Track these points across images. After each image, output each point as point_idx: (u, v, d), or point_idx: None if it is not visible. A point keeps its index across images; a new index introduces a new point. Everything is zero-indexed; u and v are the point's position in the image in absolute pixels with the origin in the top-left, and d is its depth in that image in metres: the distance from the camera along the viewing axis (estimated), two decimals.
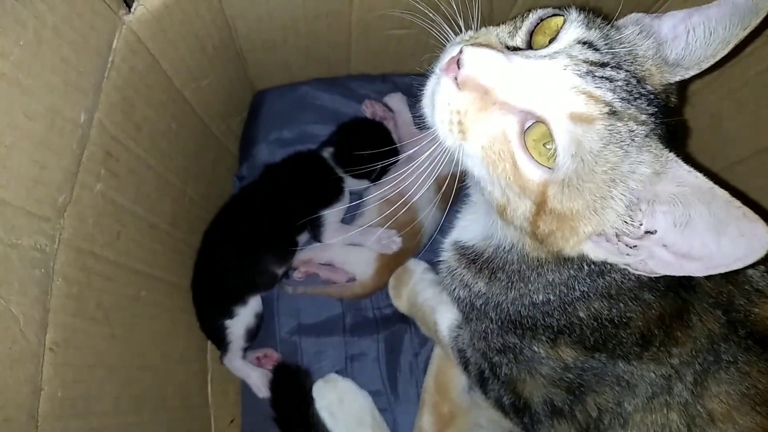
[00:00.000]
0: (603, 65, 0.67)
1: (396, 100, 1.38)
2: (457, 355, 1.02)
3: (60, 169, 0.75)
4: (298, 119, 1.37)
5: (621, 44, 0.71)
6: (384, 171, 1.22)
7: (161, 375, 1.04)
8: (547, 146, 0.68)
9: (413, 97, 1.38)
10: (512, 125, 0.69)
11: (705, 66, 0.72)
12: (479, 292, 0.88)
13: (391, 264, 1.25)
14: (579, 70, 0.66)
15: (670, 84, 0.74)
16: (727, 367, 0.77)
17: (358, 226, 1.29)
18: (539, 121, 0.68)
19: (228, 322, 1.18)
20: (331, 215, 1.26)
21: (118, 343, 0.90)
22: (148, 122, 0.95)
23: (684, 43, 0.75)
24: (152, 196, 1.01)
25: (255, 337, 1.24)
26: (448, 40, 0.82)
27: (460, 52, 0.69)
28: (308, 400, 1.17)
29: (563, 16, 0.73)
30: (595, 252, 0.72)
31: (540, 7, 0.76)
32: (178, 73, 1.00)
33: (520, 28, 0.75)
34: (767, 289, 0.80)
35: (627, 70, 0.69)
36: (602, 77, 0.66)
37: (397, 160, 1.23)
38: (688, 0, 1.03)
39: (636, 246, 0.68)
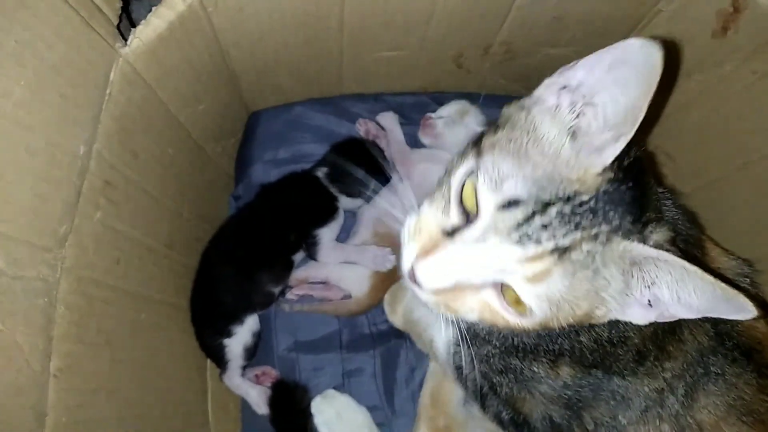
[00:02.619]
0: (531, 216, 0.65)
1: (388, 119, 1.40)
2: (454, 372, 1.02)
3: (60, 201, 0.77)
4: (293, 139, 1.39)
5: (539, 171, 0.67)
6: (377, 189, 1.24)
7: (162, 395, 1.05)
8: None
9: (404, 117, 1.42)
10: (489, 295, 0.72)
11: (630, 132, 0.64)
12: (482, 327, 0.88)
13: (385, 281, 1.27)
14: (512, 240, 0.66)
15: (609, 165, 0.67)
16: (716, 379, 0.80)
17: (353, 245, 1.31)
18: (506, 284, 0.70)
19: (226, 341, 1.20)
20: (326, 234, 1.28)
21: (119, 366, 0.92)
22: (144, 149, 0.97)
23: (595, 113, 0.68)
24: (149, 220, 1.03)
25: (253, 355, 1.25)
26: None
27: (413, 270, 0.72)
28: (307, 416, 1.18)
29: (473, 180, 0.70)
30: (618, 318, 0.72)
31: (454, 168, 0.75)
32: (173, 100, 1.02)
33: (449, 201, 0.73)
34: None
35: (556, 200, 0.65)
36: (537, 229, 0.65)
37: (390, 179, 1.26)
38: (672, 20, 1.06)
39: (651, 305, 0.69)
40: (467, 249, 0.69)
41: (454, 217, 0.72)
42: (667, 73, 0.61)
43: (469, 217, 0.71)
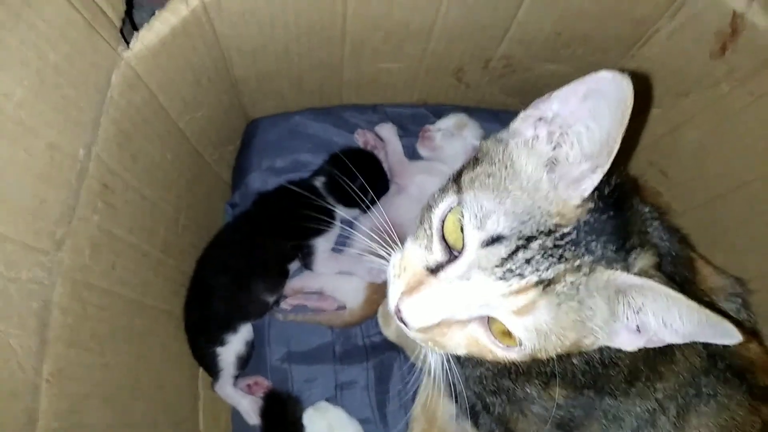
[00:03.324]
0: (515, 252, 0.66)
1: (386, 130, 1.41)
2: (447, 388, 1.02)
3: (59, 203, 0.76)
4: (291, 148, 1.39)
5: (519, 205, 0.68)
6: (375, 200, 1.24)
7: (153, 402, 1.04)
8: None
9: (403, 129, 1.42)
10: (476, 329, 0.73)
11: (606, 163, 0.65)
12: None
13: (380, 293, 1.26)
14: (497, 276, 0.66)
15: (589, 196, 0.68)
16: (708, 400, 0.80)
17: (349, 255, 1.31)
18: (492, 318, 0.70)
19: (219, 350, 1.19)
20: (322, 244, 1.28)
21: (111, 372, 0.91)
22: (143, 154, 0.97)
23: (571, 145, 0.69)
24: (146, 225, 1.02)
25: (246, 364, 1.25)
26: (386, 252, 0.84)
27: (399, 310, 0.72)
28: (298, 428, 1.17)
29: (455, 214, 0.71)
30: (607, 344, 0.72)
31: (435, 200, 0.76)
32: (173, 105, 1.02)
33: (431, 237, 0.74)
34: (744, 322, 0.83)
35: (537, 233, 0.66)
36: (521, 264, 0.66)
37: (388, 189, 1.26)
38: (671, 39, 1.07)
39: (639, 331, 0.69)
40: (451, 286, 0.69)
41: (437, 253, 0.73)
42: (638, 105, 0.61)
43: (452, 252, 0.71)
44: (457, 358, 0.83)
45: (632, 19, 1.09)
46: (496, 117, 1.46)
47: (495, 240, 0.66)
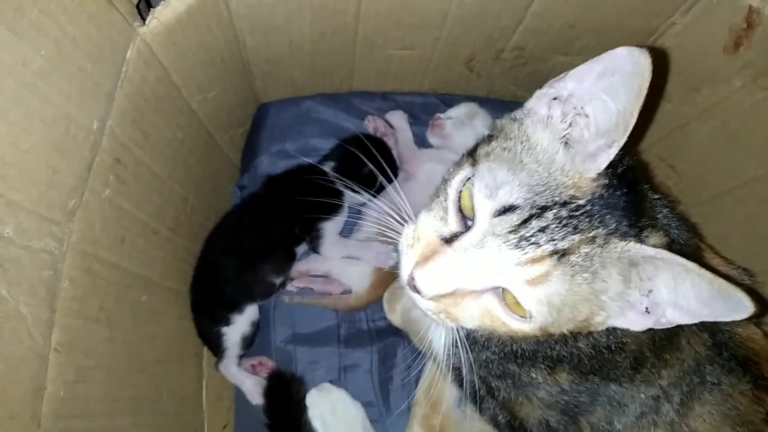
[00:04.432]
0: (528, 220, 0.67)
1: (397, 117, 1.41)
2: (451, 373, 1.02)
3: (72, 174, 0.77)
4: (301, 133, 1.40)
5: (534, 177, 0.69)
6: (383, 186, 1.25)
7: (157, 379, 1.06)
8: None
9: (413, 117, 1.42)
10: (489, 300, 0.73)
11: (622, 138, 0.66)
12: (481, 334, 0.88)
13: (386, 278, 1.27)
14: (511, 243, 0.67)
15: (603, 172, 0.69)
16: (712, 389, 0.80)
17: (356, 240, 1.31)
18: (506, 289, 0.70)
19: (224, 329, 1.20)
20: (330, 228, 1.28)
21: (117, 346, 0.92)
22: (155, 131, 0.98)
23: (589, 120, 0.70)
24: (156, 203, 1.03)
25: (251, 344, 1.26)
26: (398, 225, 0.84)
27: (412, 277, 0.72)
28: (301, 409, 1.18)
29: (469, 186, 0.72)
30: (615, 325, 0.72)
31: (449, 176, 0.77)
32: (186, 84, 1.03)
33: (447, 208, 0.75)
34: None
35: (552, 204, 0.67)
36: (535, 233, 0.66)
37: (396, 176, 1.26)
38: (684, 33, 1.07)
39: (648, 311, 0.69)
40: (466, 254, 0.69)
41: (453, 224, 0.73)
42: (655, 80, 0.62)
43: (467, 223, 0.72)
44: (462, 344, 0.83)
45: (646, 12, 1.09)
46: (506, 108, 1.43)
47: (507, 210, 0.67)
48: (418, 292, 0.72)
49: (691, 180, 1.22)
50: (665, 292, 0.66)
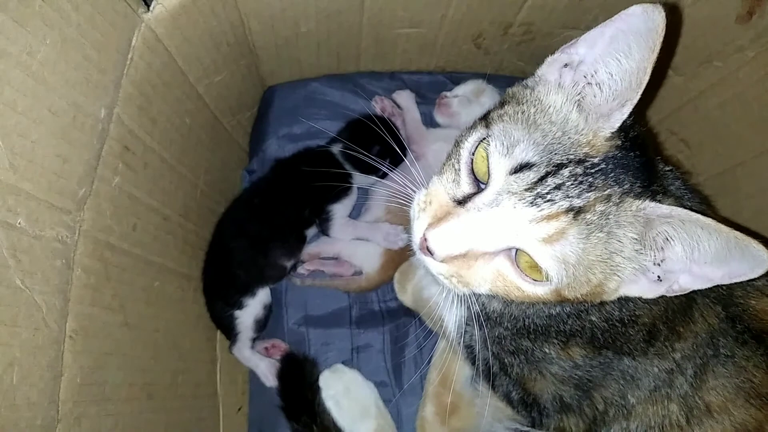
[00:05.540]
0: (544, 178, 0.67)
1: (405, 97, 1.40)
2: (464, 351, 1.03)
3: (81, 163, 0.78)
4: (308, 115, 1.39)
5: (549, 136, 0.69)
6: (392, 167, 1.24)
7: (172, 363, 1.07)
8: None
9: (420, 96, 1.41)
10: (502, 263, 0.72)
11: (635, 96, 0.67)
12: (493, 309, 0.89)
13: (396, 259, 1.27)
14: (526, 201, 0.67)
15: (617, 130, 0.70)
16: (725, 362, 0.80)
17: (366, 221, 1.31)
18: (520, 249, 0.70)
19: (237, 313, 1.21)
20: (339, 210, 1.28)
21: (131, 332, 0.93)
22: (163, 117, 0.98)
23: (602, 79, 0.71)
24: (166, 189, 1.03)
25: (264, 327, 1.27)
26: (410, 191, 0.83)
27: (425, 239, 0.72)
28: (315, 390, 1.19)
29: (485, 145, 0.72)
30: (627, 293, 0.73)
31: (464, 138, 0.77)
32: (192, 70, 1.03)
33: (459, 170, 0.75)
34: (764, 288, 0.82)
35: (567, 162, 0.68)
36: (551, 190, 0.66)
37: (405, 157, 1.25)
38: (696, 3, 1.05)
39: (660, 279, 0.70)
40: (480, 214, 0.69)
41: (465, 186, 0.74)
42: (668, 35, 0.62)
43: (480, 186, 0.72)
44: (475, 319, 0.83)
45: None
46: (514, 84, 1.44)
47: (524, 167, 0.67)
48: (430, 253, 0.72)
49: (703, 153, 1.20)
50: (681, 249, 0.66)
